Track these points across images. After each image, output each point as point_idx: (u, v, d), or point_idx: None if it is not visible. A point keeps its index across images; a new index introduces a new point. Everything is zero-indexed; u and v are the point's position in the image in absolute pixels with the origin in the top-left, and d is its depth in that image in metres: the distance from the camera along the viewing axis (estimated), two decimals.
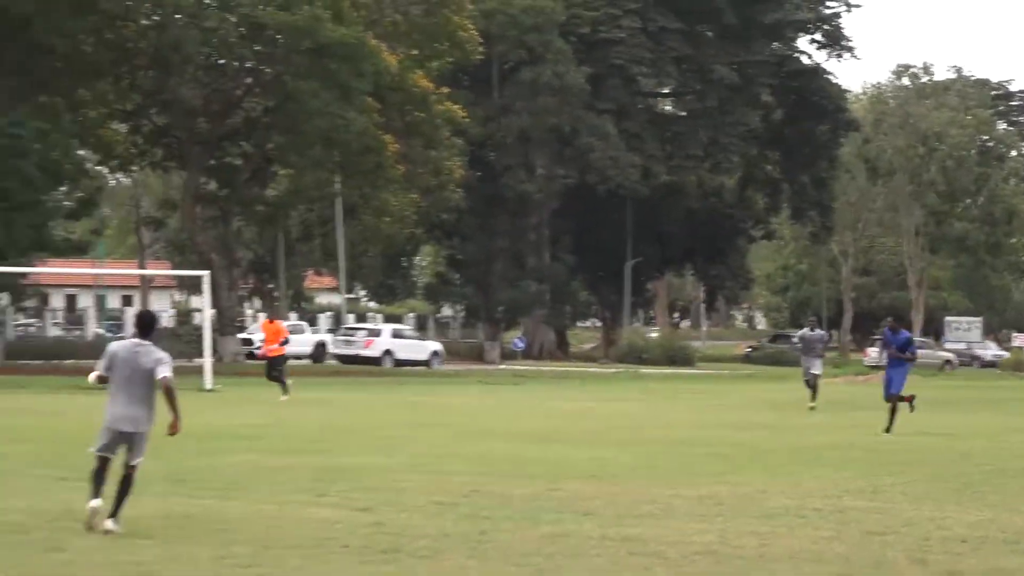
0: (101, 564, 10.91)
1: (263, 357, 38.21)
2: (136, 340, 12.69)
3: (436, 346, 70.61)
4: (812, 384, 36.26)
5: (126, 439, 12.43)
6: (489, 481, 16.69)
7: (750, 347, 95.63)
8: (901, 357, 27.32)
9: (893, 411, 27.02)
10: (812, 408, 34.95)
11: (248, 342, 63.35)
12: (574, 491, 16.80)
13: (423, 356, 67.60)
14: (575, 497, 16.14)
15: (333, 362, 68.23)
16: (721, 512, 15.16)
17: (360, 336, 68.74)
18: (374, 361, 65.21)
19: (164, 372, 12.31)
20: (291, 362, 44.78)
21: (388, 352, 66.45)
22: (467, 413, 30.48)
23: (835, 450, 23.75)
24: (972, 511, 15.41)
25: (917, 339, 43.38)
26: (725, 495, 16.62)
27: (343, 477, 17.49)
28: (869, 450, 23.85)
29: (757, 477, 19.12)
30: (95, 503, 12.17)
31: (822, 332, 39.73)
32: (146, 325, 13.06)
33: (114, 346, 12.85)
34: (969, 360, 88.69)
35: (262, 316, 60.19)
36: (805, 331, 39.52)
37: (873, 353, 73.78)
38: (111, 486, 12.39)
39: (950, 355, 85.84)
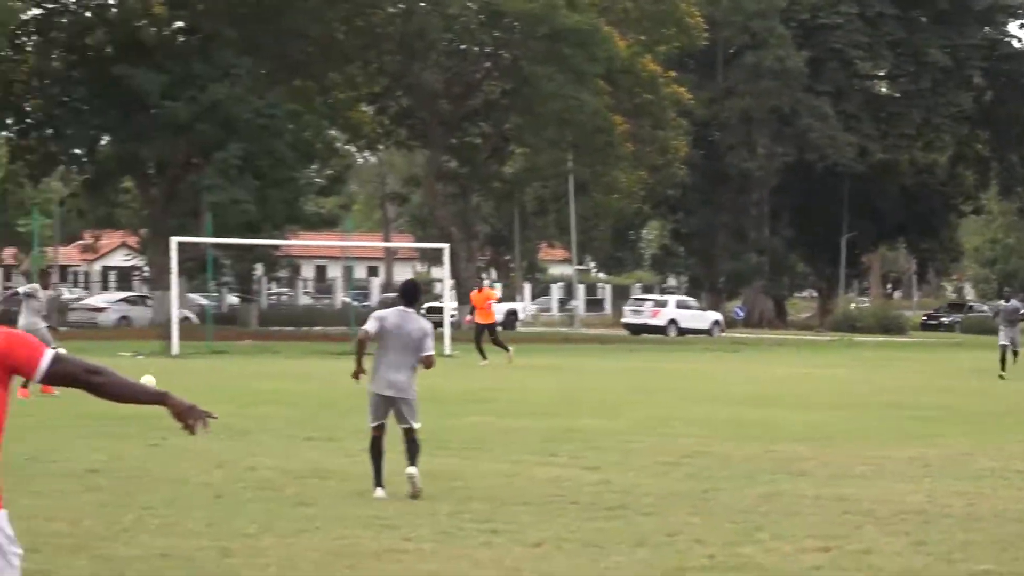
0: (344, 517, 11.06)
1: (473, 324, 37.96)
2: (402, 308, 12.44)
3: (717, 316, 70.39)
4: (1009, 353, 35.26)
5: (390, 404, 12.23)
6: (710, 443, 16.56)
7: (926, 315, 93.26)
8: None
9: None
10: (1002, 377, 33.69)
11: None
12: (790, 452, 16.69)
13: (705, 325, 67.66)
14: (791, 458, 16.04)
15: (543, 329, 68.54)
16: (929, 473, 14.95)
17: (647, 307, 69.19)
18: (660, 330, 65.55)
19: (429, 349, 12.17)
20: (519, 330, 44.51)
21: (673, 321, 66.78)
22: (690, 378, 30.29)
23: None
24: None
25: None
26: (932, 457, 16.34)
27: (572, 438, 17.44)
28: None
29: (963, 440, 18.68)
30: (379, 493, 11.97)
31: (1018, 304, 38.13)
32: (412, 294, 12.94)
33: (382, 313, 12.57)
34: None
35: (496, 286, 60.71)
36: (1001, 303, 38.81)
37: None
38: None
39: None
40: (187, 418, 5.53)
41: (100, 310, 60.11)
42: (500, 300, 38.41)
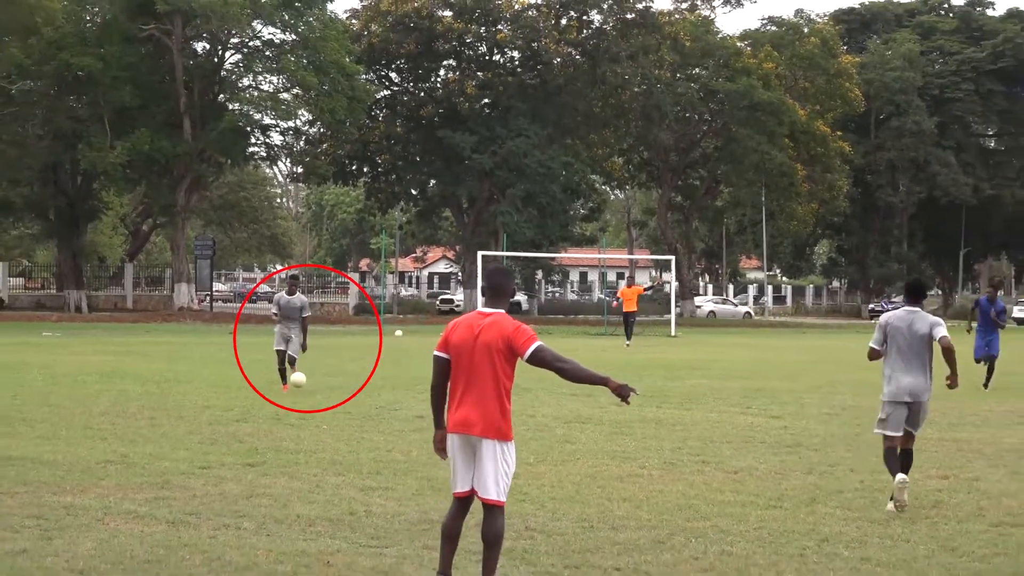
0: (597, 451, 11.01)
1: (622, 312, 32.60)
2: (908, 308, 8.77)
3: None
4: None
5: (908, 409, 8.63)
6: (861, 399, 15.76)
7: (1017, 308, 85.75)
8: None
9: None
10: None
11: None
12: None
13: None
14: None
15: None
16: (1022, 421, 14.30)
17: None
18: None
19: (942, 333, 8.54)
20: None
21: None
22: (847, 352, 29.01)
23: None
24: None
25: None
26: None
27: (762, 395, 17.02)
28: None
29: None
30: (901, 477, 8.20)
31: None
32: (917, 291, 8.98)
33: (887, 316, 8.83)
34: None
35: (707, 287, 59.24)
36: None
37: None
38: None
39: None
40: (622, 393, 5.65)
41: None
42: (646, 290, 36.72)
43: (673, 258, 47.74)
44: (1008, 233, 77.10)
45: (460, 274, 61.33)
